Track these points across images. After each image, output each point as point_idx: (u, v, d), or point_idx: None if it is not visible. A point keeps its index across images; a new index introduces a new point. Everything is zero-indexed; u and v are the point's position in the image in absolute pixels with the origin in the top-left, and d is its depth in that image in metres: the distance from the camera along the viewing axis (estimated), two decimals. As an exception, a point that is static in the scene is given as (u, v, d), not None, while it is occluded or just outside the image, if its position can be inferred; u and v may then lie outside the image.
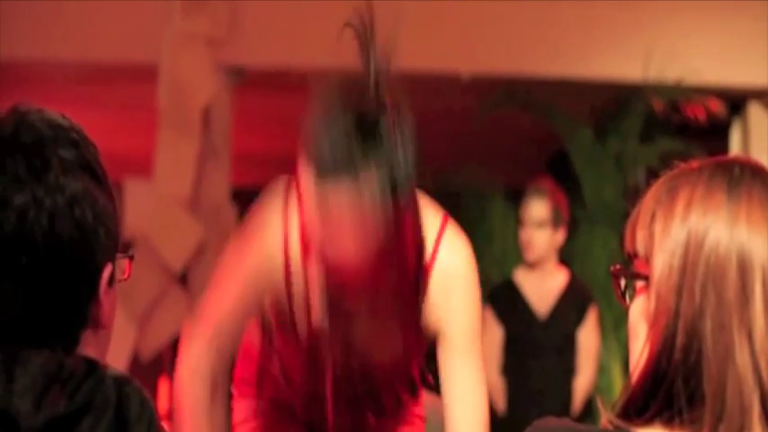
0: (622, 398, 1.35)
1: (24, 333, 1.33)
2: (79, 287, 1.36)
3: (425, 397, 2.56)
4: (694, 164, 1.40)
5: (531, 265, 5.30)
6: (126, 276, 1.45)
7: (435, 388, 2.34)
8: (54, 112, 1.40)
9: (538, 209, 5.18)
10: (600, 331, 5.53)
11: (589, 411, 5.42)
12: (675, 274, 1.32)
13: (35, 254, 1.32)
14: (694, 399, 1.29)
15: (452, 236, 2.24)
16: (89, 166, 1.38)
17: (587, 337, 5.34)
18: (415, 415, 2.49)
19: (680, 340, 1.30)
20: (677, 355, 1.30)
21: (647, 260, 1.36)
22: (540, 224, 5.18)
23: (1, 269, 1.32)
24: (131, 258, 1.46)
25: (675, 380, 1.30)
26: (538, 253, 5.24)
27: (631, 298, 1.39)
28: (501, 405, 5.36)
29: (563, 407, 5.21)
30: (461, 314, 2.21)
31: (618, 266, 1.41)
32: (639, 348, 1.35)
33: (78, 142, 1.38)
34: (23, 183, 1.32)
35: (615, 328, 6.28)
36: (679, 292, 1.31)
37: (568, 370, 5.30)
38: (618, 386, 6.20)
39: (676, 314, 1.31)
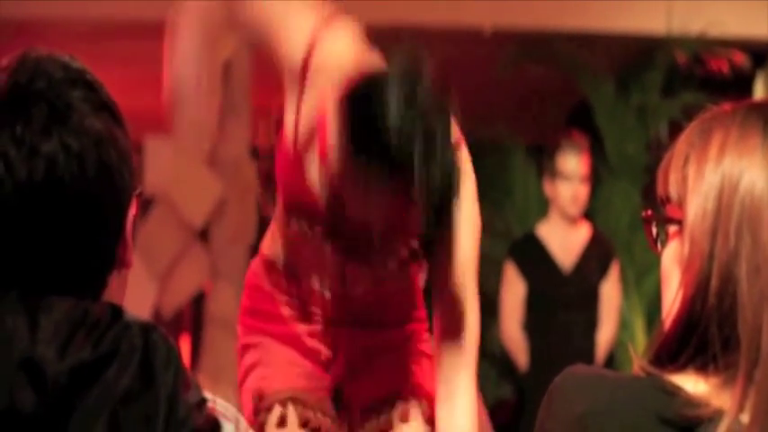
0: (655, 344, 1.33)
1: (54, 281, 1.32)
2: (108, 228, 1.36)
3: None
4: (727, 106, 1.37)
5: (560, 219, 5.28)
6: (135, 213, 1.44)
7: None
8: (62, 53, 1.39)
9: (580, 163, 5.18)
10: (621, 285, 5.52)
11: (611, 365, 5.42)
12: (710, 218, 1.30)
13: (66, 200, 1.31)
14: (729, 343, 1.28)
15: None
16: (106, 106, 1.37)
17: (610, 291, 5.33)
18: (422, 351, 2.50)
19: (714, 284, 1.28)
20: (711, 299, 1.28)
21: (680, 204, 1.34)
22: (582, 179, 5.18)
23: (32, 218, 1.31)
24: (140, 196, 1.44)
25: (710, 325, 1.28)
26: (582, 207, 5.24)
27: (663, 244, 1.38)
28: (524, 360, 5.36)
29: (586, 361, 5.20)
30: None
31: (650, 212, 1.39)
32: (672, 294, 1.34)
33: (93, 83, 1.37)
34: (49, 129, 1.31)
35: (637, 282, 6.27)
36: (713, 236, 1.29)
37: (591, 324, 5.29)
38: (640, 340, 6.19)
39: (710, 258, 1.29)
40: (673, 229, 1.37)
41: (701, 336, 1.29)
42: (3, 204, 1.30)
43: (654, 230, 1.39)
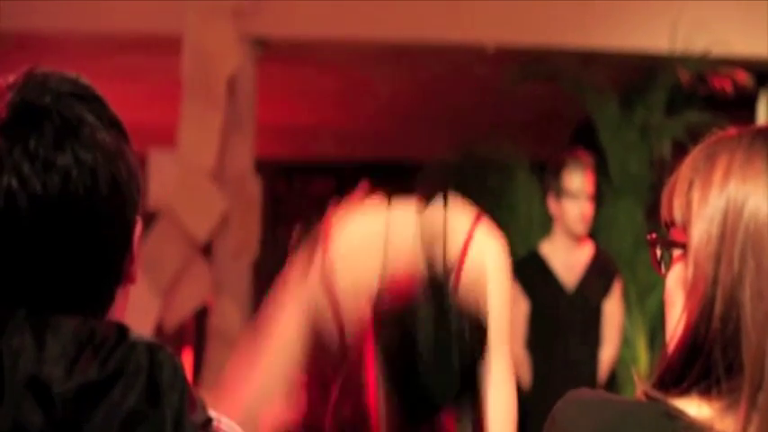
0: (658, 368, 1.33)
1: (63, 297, 1.33)
2: (118, 243, 1.37)
3: None
4: (733, 131, 1.38)
5: (564, 238, 5.28)
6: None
7: None
8: (68, 71, 1.40)
9: (586, 181, 5.18)
10: (624, 304, 5.52)
11: (613, 383, 5.41)
12: (714, 242, 1.30)
13: (78, 214, 1.32)
14: (732, 368, 1.28)
15: (483, 236, 2.23)
16: (115, 121, 1.38)
17: (613, 309, 5.33)
18: None
19: (718, 309, 1.28)
20: (715, 323, 1.29)
21: (685, 228, 1.35)
22: (589, 197, 5.19)
23: (44, 233, 1.31)
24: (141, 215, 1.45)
25: (713, 349, 1.29)
26: (589, 225, 5.25)
27: (667, 267, 1.38)
28: (526, 379, 5.35)
29: (589, 380, 5.20)
30: (493, 311, 2.20)
31: (654, 235, 1.40)
32: (676, 317, 1.34)
33: (100, 99, 1.38)
34: (62, 142, 1.31)
35: (639, 300, 6.27)
36: (717, 260, 1.30)
37: (594, 342, 5.29)
38: (642, 359, 6.18)
39: (714, 282, 1.29)
40: (677, 252, 1.37)
41: (704, 360, 1.29)
42: (16, 220, 1.30)
43: (658, 253, 1.40)
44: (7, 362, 1.26)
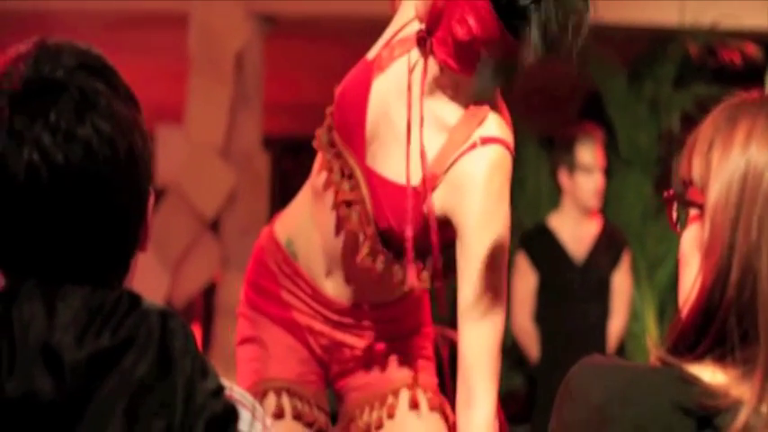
0: (672, 333, 1.32)
1: (79, 267, 1.33)
2: (134, 212, 1.37)
3: None
4: (755, 94, 1.36)
5: (572, 211, 5.28)
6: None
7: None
8: (78, 42, 1.39)
9: (597, 155, 5.18)
10: (633, 276, 5.51)
11: (621, 356, 5.41)
12: (732, 207, 1.29)
13: (99, 183, 1.32)
14: (747, 337, 1.27)
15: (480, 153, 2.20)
16: (128, 92, 1.38)
17: (621, 282, 5.32)
18: (424, 356, 2.48)
19: (734, 276, 1.27)
20: (731, 291, 1.27)
21: (702, 189, 1.33)
22: (600, 170, 5.19)
23: (65, 203, 1.31)
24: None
25: (728, 317, 1.27)
26: (602, 198, 5.25)
27: (683, 225, 1.36)
28: (535, 351, 5.35)
29: (597, 352, 5.19)
30: (473, 215, 2.15)
31: (672, 192, 1.38)
32: (690, 278, 1.33)
33: (113, 69, 1.38)
34: (82, 114, 1.31)
35: (648, 273, 6.26)
36: (734, 226, 1.28)
37: (603, 315, 5.29)
38: (652, 331, 6.18)
39: (731, 248, 1.28)
40: (694, 212, 1.35)
41: (718, 327, 1.28)
42: (37, 192, 1.30)
43: (674, 212, 1.38)
44: (18, 330, 1.26)
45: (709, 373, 1.29)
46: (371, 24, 2.32)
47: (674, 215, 1.38)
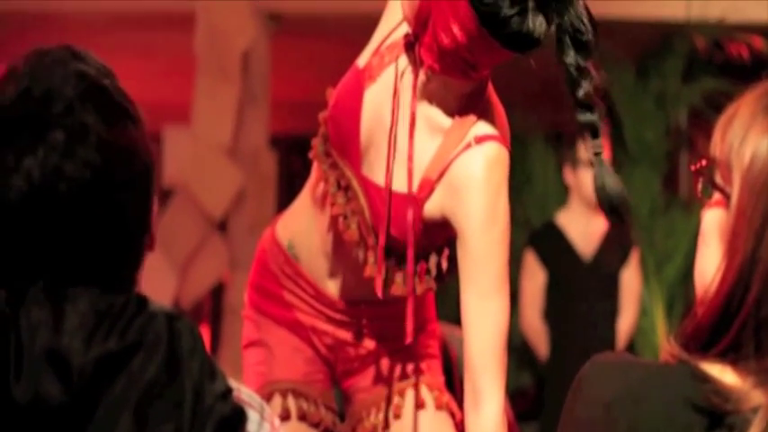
0: (686, 329, 1.30)
1: (86, 272, 1.32)
2: (146, 218, 1.37)
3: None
4: None
5: (579, 208, 5.27)
6: None
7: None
8: (75, 50, 1.38)
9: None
10: (642, 272, 5.50)
11: (631, 352, 5.41)
12: (758, 217, 1.25)
13: (119, 191, 1.33)
14: (762, 347, 1.25)
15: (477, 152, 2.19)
16: (124, 112, 1.37)
17: (630, 278, 5.32)
18: (430, 354, 2.48)
19: (755, 289, 1.24)
20: (750, 302, 1.24)
21: (730, 176, 1.29)
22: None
23: (88, 210, 1.31)
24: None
25: (745, 327, 1.25)
26: None
27: (708, 197, 1.32)
28: (544, 349, 5.35)
29: (607, 349, 5.19)
30: (474, 214, 2.15)
31: (705, 162, 1.32)
32: (707, 261, 1.29)
33: (108, 89, 1.37)
34: (72, 150, 1.31)
35: (657, 269, 6.25)
36: (759, 237, 1.25)
37: (612, 312, 5.28)
38: (660, 327, 6.17)
39: (753, 259, 1.25)
40: (718, 195, 1.31)
41: (734, 334, 1.26)
42: (35, 210, 1.30)
43: (700, 184, 1.33)
44: (26, 334, 1.26)
45: (723, 374, 1.27)
46: (378, 22, 2.31)
47: (700, 187, 1.33)
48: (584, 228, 5.29)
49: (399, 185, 2.20)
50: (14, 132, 1.31)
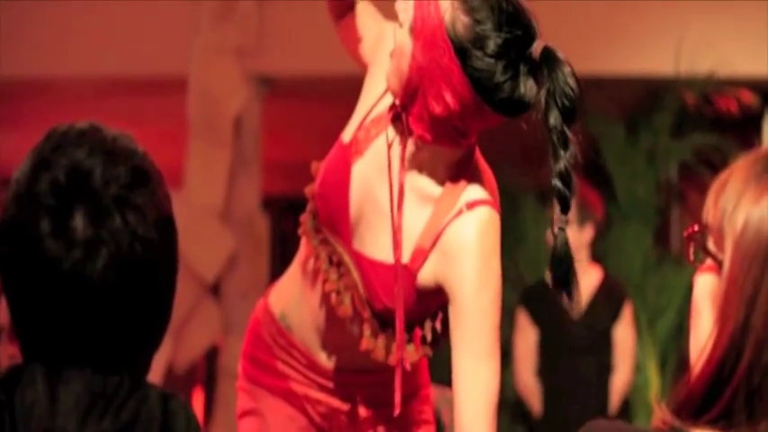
0: (679, 394, 1.29)
1: (85, 353, 1.32)
2: (170, 301, 1.38)
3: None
4: None
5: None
6: None
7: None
8: (94, 128, 1.39)
9: (579, 208, 5.16)
10: (635, 328, 5.49)
11: (626, 408, 5.39)
12: (750, 285, 1.24)
13: (155, 276, 1.35)
14: (754, 415, 1.24)
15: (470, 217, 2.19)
16: (147, 189, 1.40)
17: (623, 335, 5.31)
18: (424, 420, 2.47)
19: (747, 356, 1.24)
20: (742, 369, 1.24)
21: (722, 243, 1.28)
22: (595, 222, 5.18)
23: (123, 295, 1.31)
24: None
25: (737, 394, 1.24)
26: (589, 251, 5.23)
27: (700, 262, 1.31)
28: (537, 406, 5.33)
29: (600, 406, 5.18)
30: (467, 280, 2.15)
31: (696, 228, 1.31)
32: (701, 328, 1.29)
33: (133, 169, 1.39)
34: (143, 211, 1.31)
35: (650, 324, 6.24)
36: (751, 305, 1.24)
37: (604, 368, 5.27)
38: (654, 384, 6.15)
39: (745, 326, 1.24)
40: (710, 261, 1.30)
41: (726, 402, 1.25)
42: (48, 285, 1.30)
43: (692, 249, 1.32)
44: (20, 415, 1.25)
45: None
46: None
47: (692, 252, 1.32)
48: (575, 284, 5.29)
49: (392, 257, 2.20)
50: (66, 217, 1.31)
